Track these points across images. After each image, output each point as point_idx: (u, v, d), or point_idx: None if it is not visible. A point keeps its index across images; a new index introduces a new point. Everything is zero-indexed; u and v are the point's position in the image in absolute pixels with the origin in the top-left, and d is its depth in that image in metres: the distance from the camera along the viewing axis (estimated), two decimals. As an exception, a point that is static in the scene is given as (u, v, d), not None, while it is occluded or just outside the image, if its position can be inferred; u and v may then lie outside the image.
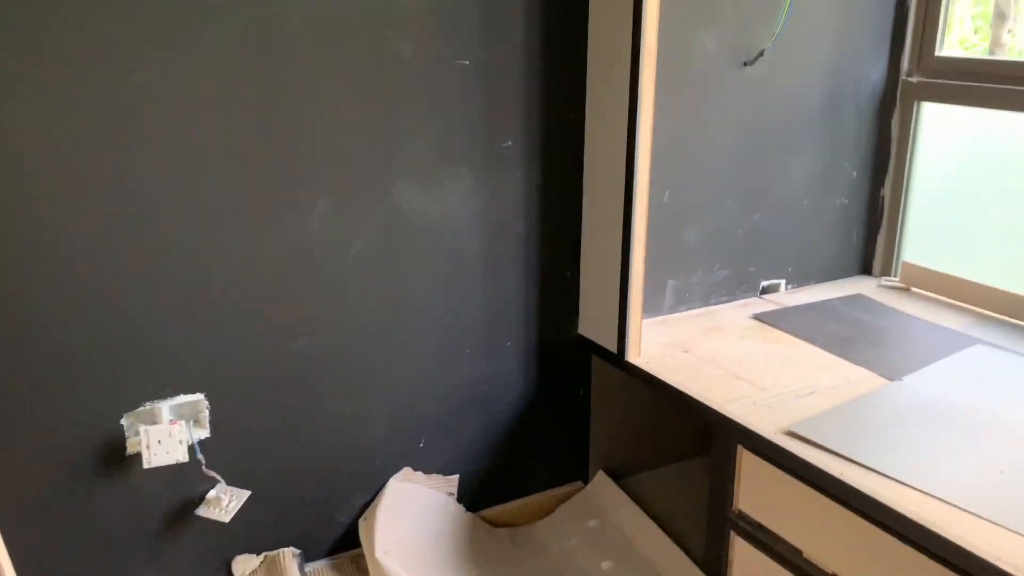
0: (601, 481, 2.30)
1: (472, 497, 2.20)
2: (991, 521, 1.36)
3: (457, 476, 2.15)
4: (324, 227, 1.82)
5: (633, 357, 2.02)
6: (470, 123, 1.93)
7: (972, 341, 2.08)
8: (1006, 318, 2.23)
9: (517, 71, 1.96)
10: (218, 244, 1.72)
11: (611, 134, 1.96)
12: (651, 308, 2.22)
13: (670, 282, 2.26)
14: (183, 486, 1.79)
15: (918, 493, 1.44)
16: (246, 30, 1.64)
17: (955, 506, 1.40)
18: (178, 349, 1.73)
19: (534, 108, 2.00)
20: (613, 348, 2.06)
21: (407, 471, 2.09)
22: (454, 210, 1.97)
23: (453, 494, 2.16)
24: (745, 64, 2.20)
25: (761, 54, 2.20)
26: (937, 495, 1.43)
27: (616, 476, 2.32)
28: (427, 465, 2.11)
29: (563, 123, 2.05)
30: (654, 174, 1.98)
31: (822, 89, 2.35)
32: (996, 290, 2.26)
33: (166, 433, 1.67)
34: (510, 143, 1.99)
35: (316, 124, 1.75)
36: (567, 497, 2.31)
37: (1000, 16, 5.00)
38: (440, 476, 2.13)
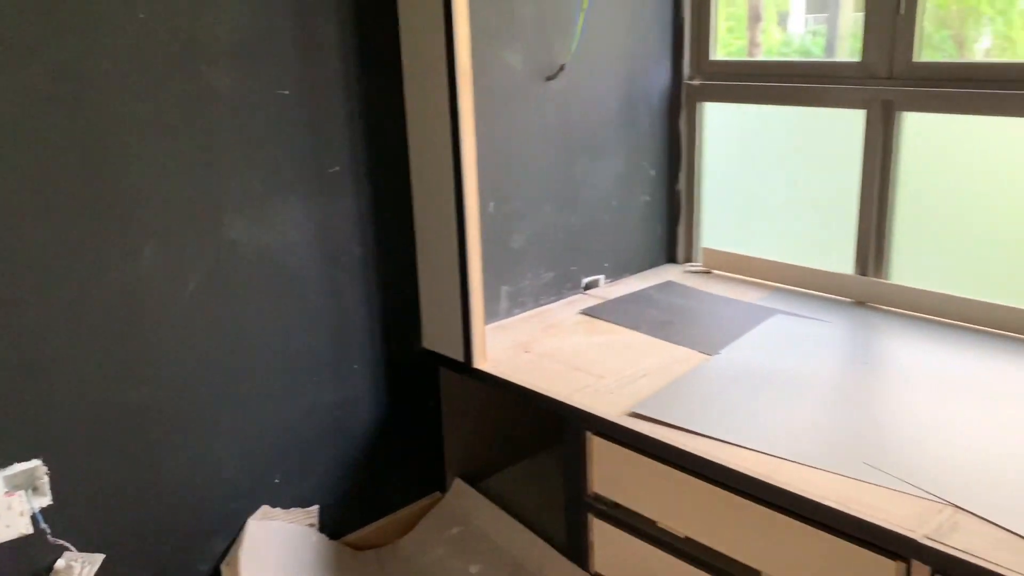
0: (459, 488, 2.37)
1: (335, 524, 2.19)
2: (813, 467, 1.56)
3: (317, 507, 2.14)
4: (155, 268, 1.76)
5: (480, 363, 2.10)
6: (296, 151, 1.93)
7: (771, 312, 2.34)
8: (796, 288, 2.53)
9: (337, 97, 1.98)
10: (41, 296, 1.62)
11: (436, 152, 2.04)
12: (489, 314, 2.32)
13: (503, 288, 2.36)
14: (30, 560, 1.67)
15: (749, 451, 1.62)
16: (54, 74, 1.56)
17: (782, 458, 1.59)
18: (6, 412, 1.61)
19: (358, 133, 2.03)
20: (460, 357, 2.13)
21: (265, 509, 2.05)
22: (288, 238, 1.96)
23: (314, 525, 2.14)
24: (548, 78, 2.35)
25: (562, 68, 2.36)
26: (765, 451, 1.62)
27: (474, 481, 2.40)
28: (285, 499, 2.09)
29: (387, 145, 2.10)
30: (477, 187, 2.07)
31: (618, 97, 2.55)
32: (786, 264, 2.55)
33: (4, 506, 1.55)
34: (338, 168, 2.01)
35: (136, 164, 1.70)
36: (428, 509, 2.36)
37: (754, 18, 5.57)
38: (299, 509, 2.11)
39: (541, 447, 2.64)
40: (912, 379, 1.90)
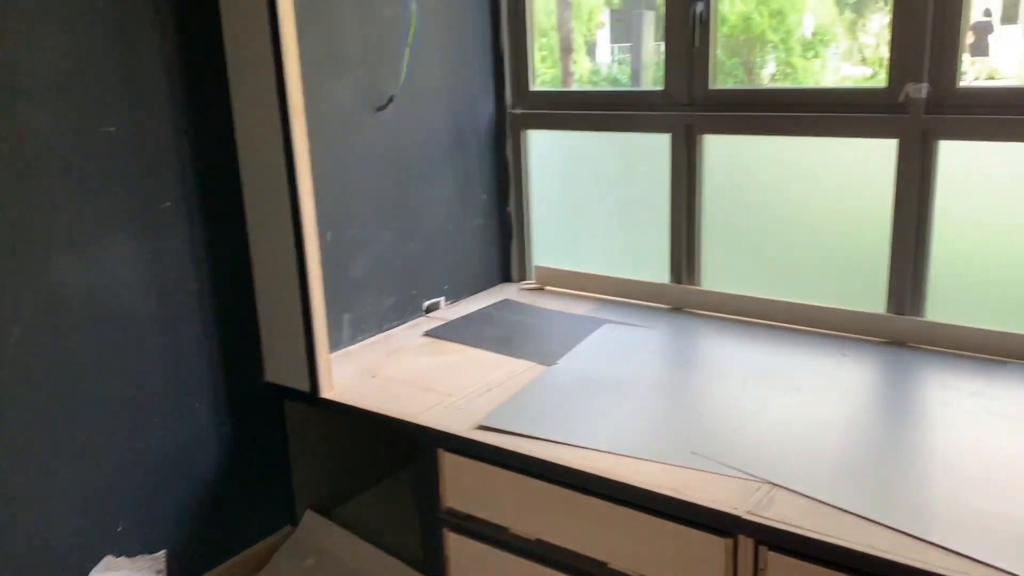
0: (310, 520, 2.36)
1: (184, 568, 2.13)
2: (647, 460, 1.71)
3: (164, 551, 2.07)
4: (-27, 319, 1.67)
5: (327, 392, 2.12)
6: (124, 189, 1.89)
7: (601, 322, 2.50)
8: (622, 299, 2.72)
9: (166, 134, 1.96)
10: None
11: (270, 186, 2.05)
12: (332, 342, 2.33)
13: (345, 315, 2.39)
14: None
15: (589, 451, 1.75)
16: None
17: (619, 454, 1.73)
18: None
19: (188, 168, 2.01)
20: (306, 387, 2.14)
21: (108, 560, 1.97)
22: (120, 278, 1.91)
23: (162, 571, 2.08)
24: (378, 109, 2.41)
25: (391, 100, 2.43)
26: (604, 449, 1.75)
27: (327, 510, 2.40)
28: (131, 547, 2.01)
29: (219, 180, 2.09)
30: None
31: (447, 126, 2.65)
32: (611, 278, 2.74)
33: None
34: (169, 204, 1.98)
35: (-52, 209, 1.61)
36: (280, 544, 2.33)
37: (566, 49, 5.88)
38: (145, 556, 2.04)
39: (393, 469, 2.67)
40: (727, 374, 2.10)
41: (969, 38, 2.20)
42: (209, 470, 2.17)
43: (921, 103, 2.12)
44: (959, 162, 2.15)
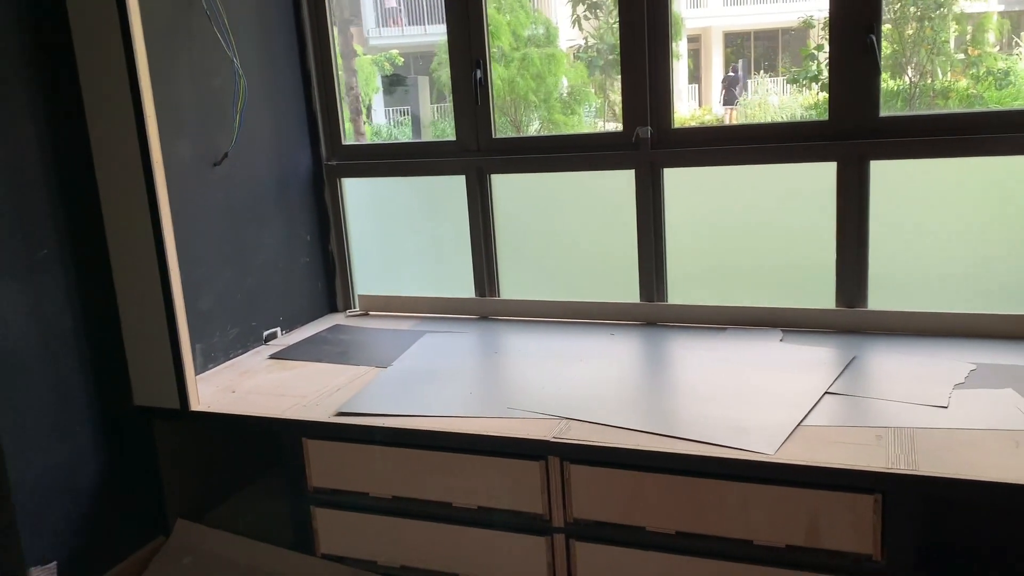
0: (181, 527, 2.64)
1: (68, 581, 2.35)
2: (475, 417, 2.22)
3: (55, 562, 2.29)
4: None
5: (196, 406, 2.45)
6: (8, 241, 2.16)
7: (422, 333, 3.00)
8: (438, 315, 3.23)
9: (39, 189, 2.25)
10: None
11: (135, 232, 2.38)
12: (191, 368, 2.66)
13: (197, 345, 2.72)
14: None
15: (428, 418, 2.24)
16: None
17: (452, 416, 2.23)
18: None
19: (60, 219, 2.30)
20: (176, 404, 2.45)
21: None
22: (4, 317, 2.16)
23: (51, 583, 2.29)
24: (215, 164, 2.80)
25: (226, 156, 2.82)
26: (440, 414, 2.24)
27: (200, 516, 2.68)
28: (27, 559, 2.22)
29: (88, 229, 2.38)
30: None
31: (273, 177, 3.06)
32: (426, 297, 3.25)
33: None
34: (46, 251, 2.26)
35: None
36: (155, 552, 2.59)
37: (355, 111, 6.45)
38: (39, 568, 2.25)
39: (259, 473, 2.98)
40: (528, 356, 2.67)
41: (720, 91, 2.97)
42: (89, 488, 2.41)
43: (648, 142, 2.83)
44: (681, 182, 2.89)
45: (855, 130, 2.59)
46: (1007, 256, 2.62)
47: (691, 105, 15.45)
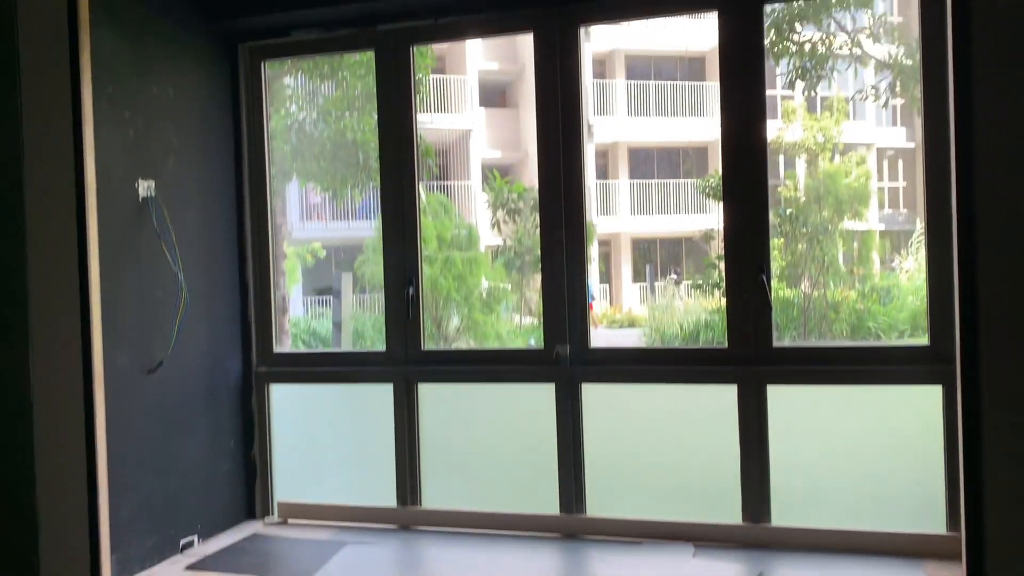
0: None
1: None
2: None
3: None
4: None
5: (107, 623, 2.38)
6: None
7: (341, 545, 3.00)
8: (358, 524, 3.24)
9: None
10: None
11: (63, 448, 2.40)
12: (104, 582, 2.59)
13: (113, 555, 2.66)
14: None
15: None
16: None
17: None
18: None
19: (-13, 428, 2.31)
20: (86, 621, 2.37)
21: None
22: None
23: None
24: (149, 372, 2.86)
25: (161, 363, 2.90)
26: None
27: None
28: None
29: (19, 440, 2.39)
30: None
31: (203, 382, 3.13)
32: (346, 506, 3.26)
33: None
34: (-28, 461, 2.25)
35: None
36: None
37: (281, 310, 6.57)
38: None
39: None
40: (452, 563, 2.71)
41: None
42: None
43: (567, 358, 3.05)
44: (600, 397, 3.08)
45: (752, 357, 2.87)
46: (895, 476, 2.86)
47: (603, 304, 16.25)
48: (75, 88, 2.52)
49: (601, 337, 12.51)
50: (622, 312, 15.52)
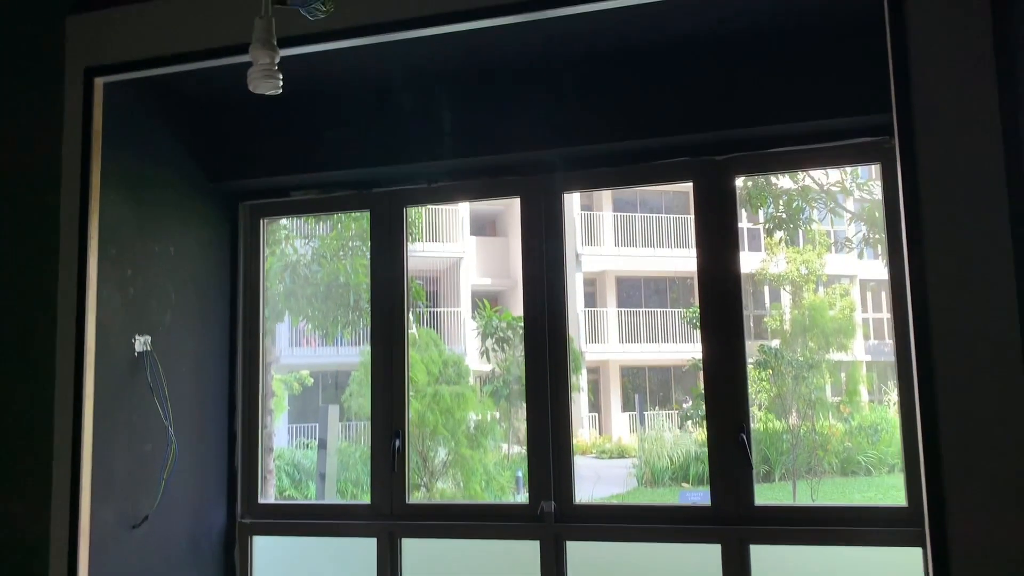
0: None
1: None
2: None
3: None
4: None
5: None
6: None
7: None
8: None
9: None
10: None
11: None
12: None
13: None
14: None
15: None
16: None
17: None
18: None
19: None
20: None
21: None
22: None
23: None
24: (134, 527, 2.86)
25: (146, 519, 2.90)
26: None
27: None
28: None
29: None
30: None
31: (187, 536, 3.12)
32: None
33: None
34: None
35: None
36: None
37: (267, 449, 6.54)
38: None
39: None
40: None
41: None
42: None
43: (551, 515, 3.06)
44: (585, 557, 3.08)
45: (735, 516, 2.89)
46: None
47: (592, 433, 16.12)
48: (82, 252, 2.64)
49: (590, 468, 12.37)
50: (612, 442, 15.39)
